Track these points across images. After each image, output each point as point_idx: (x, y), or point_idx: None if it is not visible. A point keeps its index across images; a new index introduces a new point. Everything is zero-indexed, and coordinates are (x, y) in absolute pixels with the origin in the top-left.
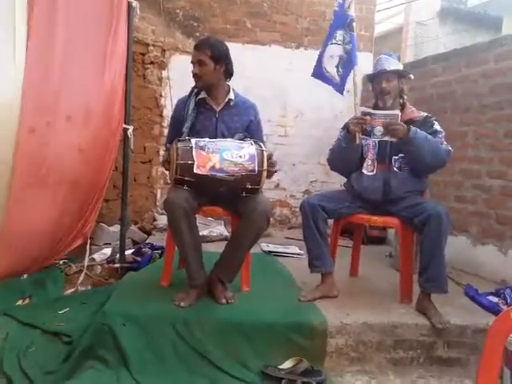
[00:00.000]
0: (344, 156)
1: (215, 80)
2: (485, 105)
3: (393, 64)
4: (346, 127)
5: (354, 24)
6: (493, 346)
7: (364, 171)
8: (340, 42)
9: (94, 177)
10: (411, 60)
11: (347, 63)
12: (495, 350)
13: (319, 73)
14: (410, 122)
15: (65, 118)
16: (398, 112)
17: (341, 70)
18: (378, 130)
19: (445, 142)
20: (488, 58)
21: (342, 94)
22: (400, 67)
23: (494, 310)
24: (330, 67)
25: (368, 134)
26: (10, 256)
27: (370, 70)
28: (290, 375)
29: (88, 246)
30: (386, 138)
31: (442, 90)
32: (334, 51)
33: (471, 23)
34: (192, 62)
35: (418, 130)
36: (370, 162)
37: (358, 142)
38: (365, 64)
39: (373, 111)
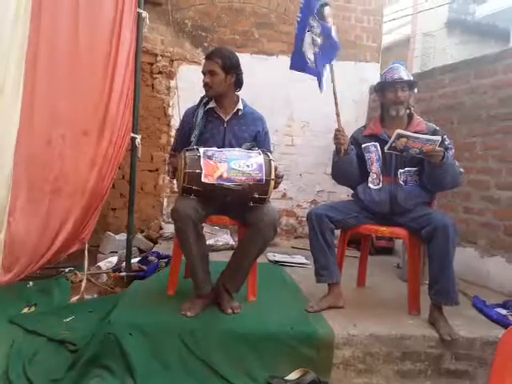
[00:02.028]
0: (340, 169)
1: (225, 90)
2: (493, 116)
3: (406, 74)
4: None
5: (327, 9)
6: (503, 359)
7: (370, 185)
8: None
9: (98, 186)
10: (418, 71)
11: (320, 58)
12: (506, 362)
13: (299, 64)
14: (417, 133)
15: (82, 133)
16: (439, 138)
17: (315, 62)
18: (414, 150)
19: (456, 161)
20: (497, 70)
21: (320, 90)
22: (411, 78)
23: (502, 322)
24: (311, 55)
25: (400, 151)
26: (18, 263)
27: (377, 81)
28: None
29: (86, 251)
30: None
31: (450, 101)
32: (312, 39)
33: (479, 34)
34: (203, 72)
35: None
36: (374, 176)
37: (342, 154)
38: (372, 75)
39: (413, 135)
